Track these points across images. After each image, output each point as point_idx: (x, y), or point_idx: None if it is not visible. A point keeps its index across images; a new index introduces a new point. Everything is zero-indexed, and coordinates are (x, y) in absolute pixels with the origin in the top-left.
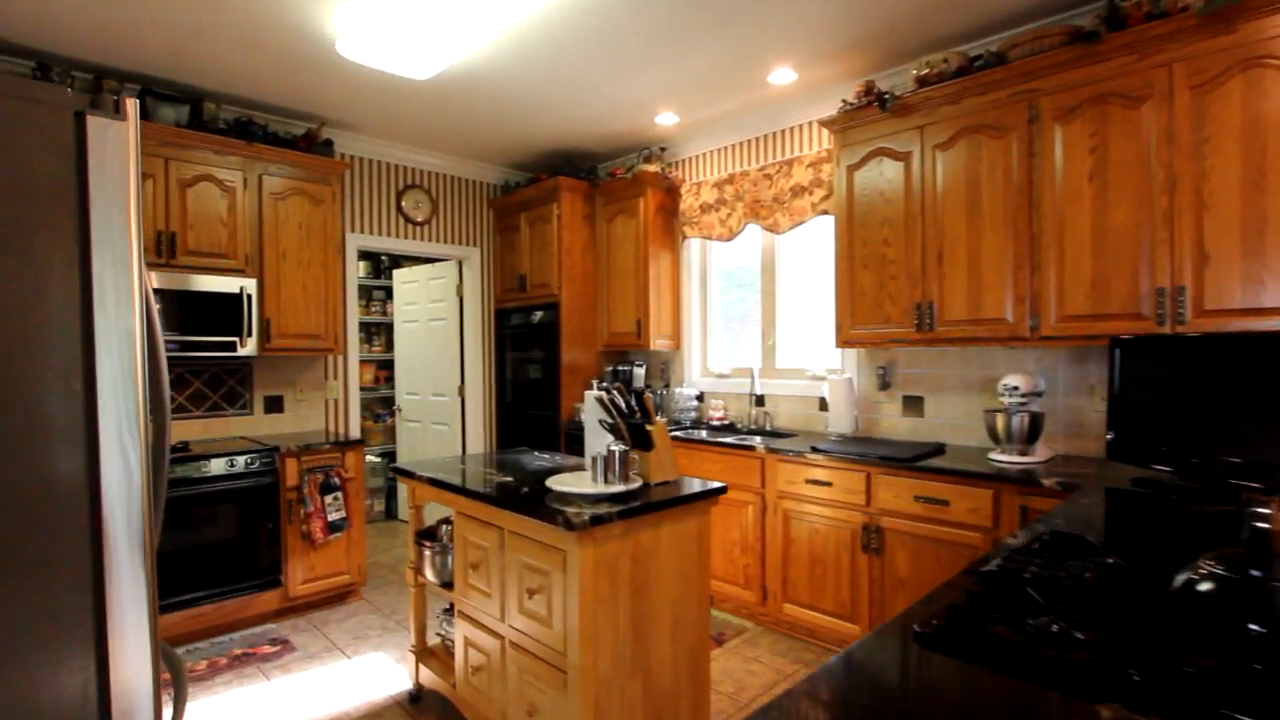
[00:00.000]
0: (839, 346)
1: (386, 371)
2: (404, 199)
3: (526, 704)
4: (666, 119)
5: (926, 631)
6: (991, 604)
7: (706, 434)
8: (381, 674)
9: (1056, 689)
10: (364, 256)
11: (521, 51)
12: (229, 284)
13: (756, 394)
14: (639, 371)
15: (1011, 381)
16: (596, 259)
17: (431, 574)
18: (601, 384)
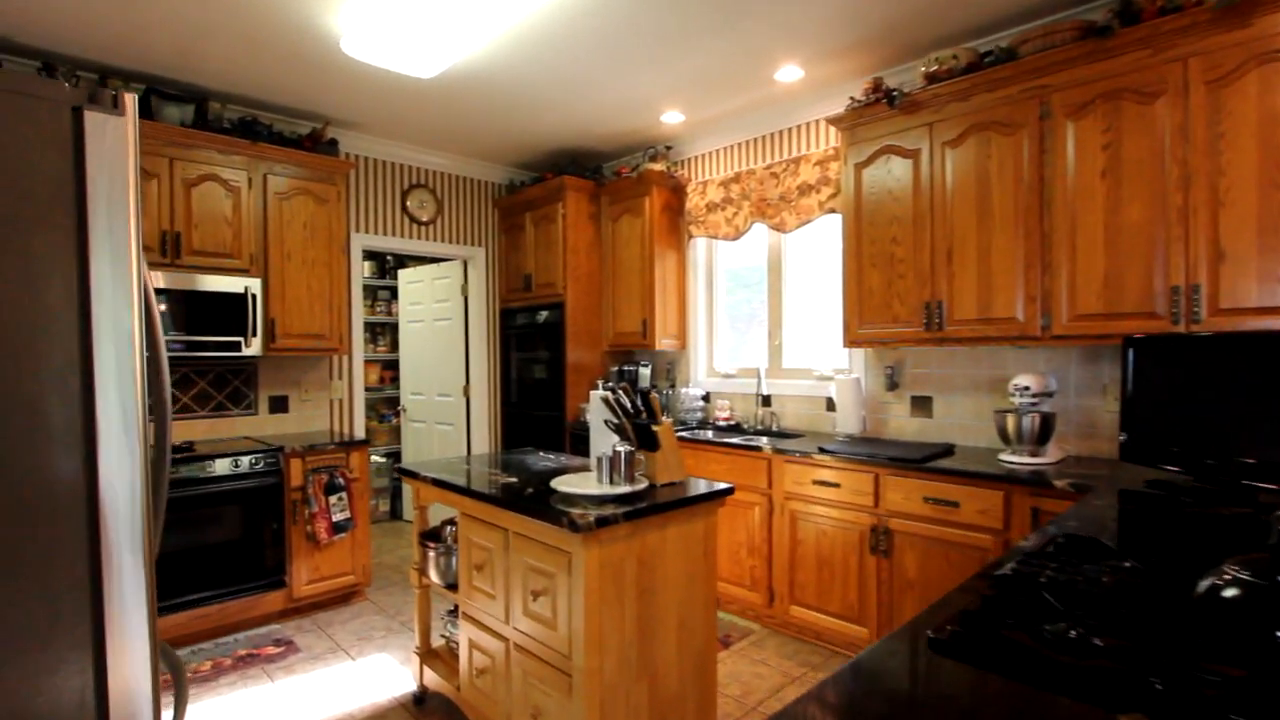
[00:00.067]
0: (846, 346)
1: (392, 372)
2: (409, 199)
3: (531, 707)
4: (672, 117)
5: (940, 637)
6: (1007, 609)
7: (712, 434)
8: (386, 675)
9: (1075, 697)
10: (369, 256)
11: (526, 49)
12: (234, 284)
13: (763, 394)
14: (645, 371)
15: (1022, 381)
16: (602, 258)
17: (436, 575)
18: (607, 384)
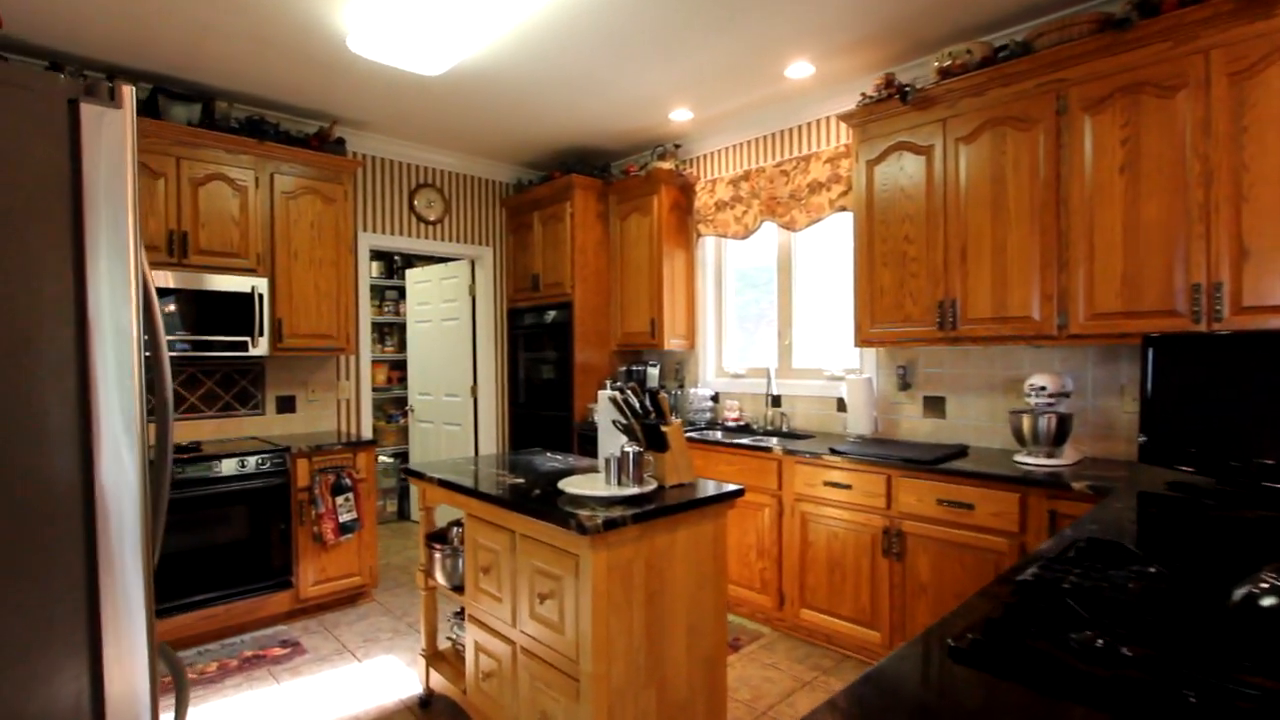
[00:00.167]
0: (858, 346)
1: (399, 372)
2: (416, 198)
3: (538, 712)
4: (681, 115)
5: (961, 646)
6: (1029, 616)
7: (722, 435)
8: (392, 678)
9: (1103, 710)
10: (377, 256)
11: (533, 46)
12: (241, 283)
13: (773, 394)
14: (653, 371)
15: (1038, 381)
16: (610, 258)
17: (442, 577)
18: (615, 384)
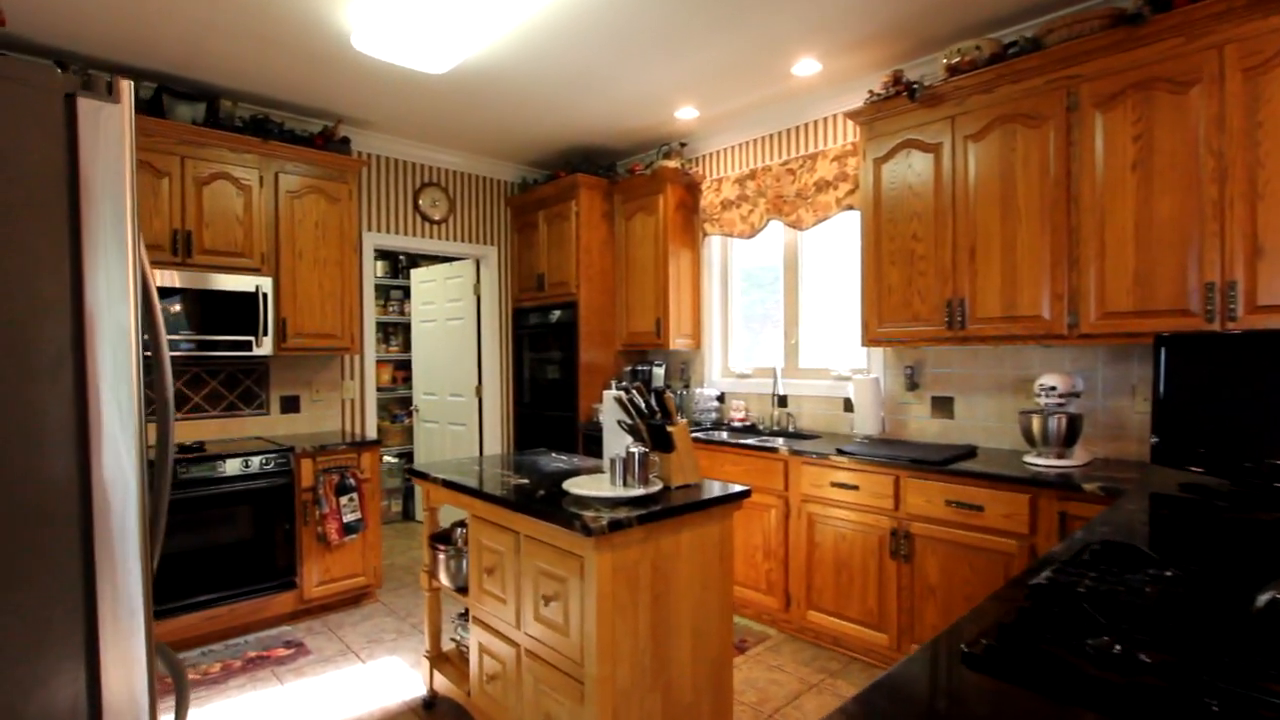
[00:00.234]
0: (865, 345)
1: (404, 371)
2: (421, 197)
3: (542, 714)
4: (687, 113)
5: (974, 651)
6: (1044, 621)
7: (727, 435)
8: (396, 679)
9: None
10: (381, 256)
11: (538, 44)
12: (245, 283)
13: (779, 394)
14: (658, 371)
15: (1048, 381)
16: (615, 257)
17: (446, 578)
18: (620, 384)
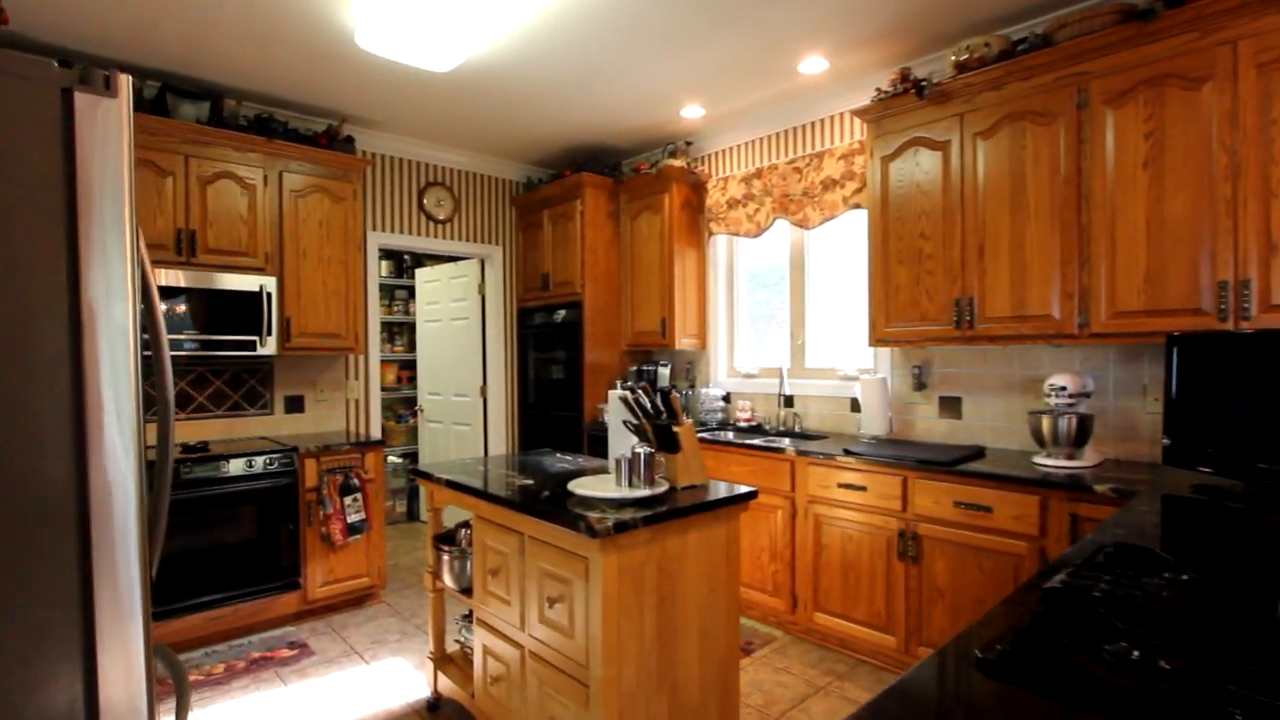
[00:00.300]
0: (872, 345)
1: (409, 371)
2: (425, 196)
3: (547, 717)
4: (692, 111)
5: (990, 658)
6: (1060, 626)
7: (733, 435)
8: (399, 681)
9: None
10: (386, 255)
11: (543, 42)
12: (249, 282)
13: (785, 394)
14: (664, 371)
15: (1059, 381)
16: (620, 257)
17: (450, 579)
18: (626, 384)
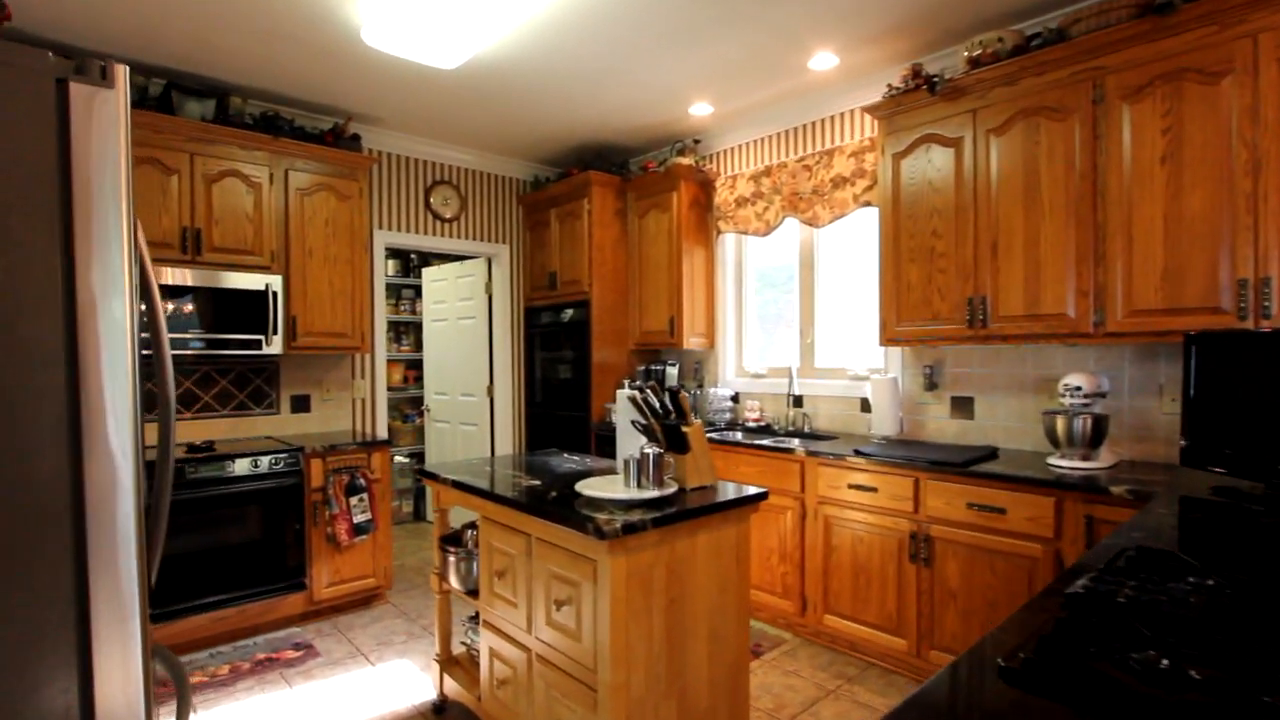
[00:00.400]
0: (883, 344)
1: (415, 371)
2: (432, 195)
3: None
4: (701, 109)
5: (1013, 666)
6: (1084, 633)
7: (742, 436)
8: (405, 682)
9: None
10: (393, 255)
11: (549, 39)
12: (255, 281)
13: (794, 394)
14: (672, 371)
15: (1073, 381)
16: (628, 255)
17: (456, 581)
18: (634, 384)
